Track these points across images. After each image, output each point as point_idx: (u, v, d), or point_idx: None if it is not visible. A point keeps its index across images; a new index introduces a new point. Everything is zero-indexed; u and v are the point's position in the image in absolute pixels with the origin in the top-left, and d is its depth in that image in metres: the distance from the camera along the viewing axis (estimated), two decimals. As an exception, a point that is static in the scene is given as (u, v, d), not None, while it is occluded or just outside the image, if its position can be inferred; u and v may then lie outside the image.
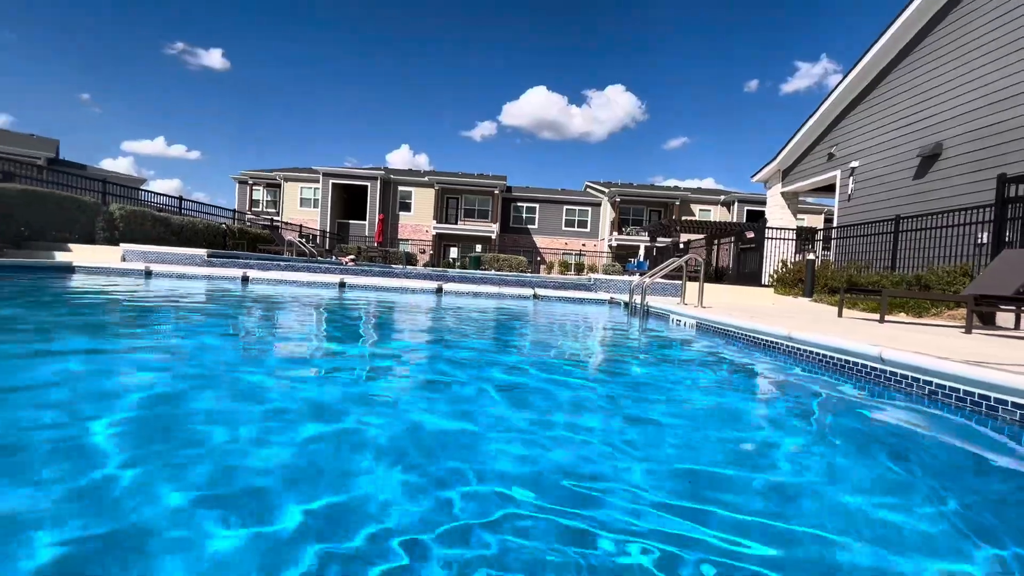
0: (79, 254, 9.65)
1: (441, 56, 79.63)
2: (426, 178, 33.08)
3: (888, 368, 2.96)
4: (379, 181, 32.34)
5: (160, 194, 15.67)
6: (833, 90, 12.04)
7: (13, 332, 3.49)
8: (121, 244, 10.38)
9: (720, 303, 8.33)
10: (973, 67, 8.54)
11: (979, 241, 7.48)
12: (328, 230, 31.31)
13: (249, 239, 17.84)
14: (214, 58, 76.49)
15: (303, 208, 33.84)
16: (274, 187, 35.25)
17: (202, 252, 10.26)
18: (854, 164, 11.46)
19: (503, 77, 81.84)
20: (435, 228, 32.31)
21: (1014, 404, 2.21)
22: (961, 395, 2.48)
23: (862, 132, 11.37)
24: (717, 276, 15.71)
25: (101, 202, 12.37)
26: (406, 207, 33.67)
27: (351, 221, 33.49)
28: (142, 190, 15.36)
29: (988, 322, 6.32)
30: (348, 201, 34.56)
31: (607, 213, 34.03)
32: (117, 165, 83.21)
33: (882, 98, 10.77)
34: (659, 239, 24.24)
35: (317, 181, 32.95)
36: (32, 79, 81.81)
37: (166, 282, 8.08)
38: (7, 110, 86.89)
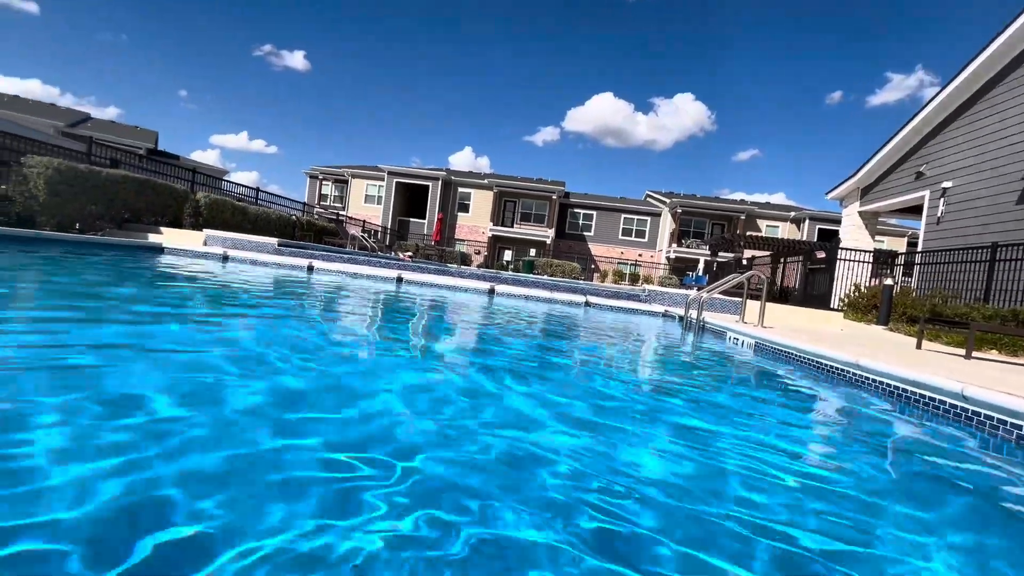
0: (168, 237, 10.55)
1: (508, 60, 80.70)
2: (485, 180, 33.55)
3: (971, 407, 2.70)
4: (440, 181, 33.14)
5: (240, 184, 16.84)
6: (928, 103, 11.14)
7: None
8: (204, 229, 11.24)
9: (783, 324, 7.91)
10: (1097, 82, 7.64)
11: (1092, 276, 6.66)
12: (389, 226, 32.43)
13: (316, 231, 18.80)
14: (297, 59, 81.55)
15: (367, 204, 35.23)
16: (341, 183, 36.96)
17: (273, 241, 10.92)
18: (946, 184, 10.54)
19: (569, 82, 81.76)
20: (491, 230, 32.69)
21: (1123, 460, 1.96)
22: (1057, 444, 2.23)
23: (958, 150, 10.45)
24: (781, 296, 14.91)
25: (190, 190, 13.46)
26: (464, 208, 34.29)
27: (411, 219, 34.51)
28: (224, 180, 16.58)
29: (1098, 367, 5.60)
30: (409, 199, 35.65)
31: (667, 224, 33.14)
32: (206, 156, 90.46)
33: (984, 114, 9.84)
34: (720, 254, 23.29)
35: (382, 179, 34.22)
36: (139, 77, 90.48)
37: (240, 266, 8.67)
38: (118, 103, 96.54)
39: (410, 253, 21.88)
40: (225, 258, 9.37)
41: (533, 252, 32.67)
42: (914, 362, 3.93)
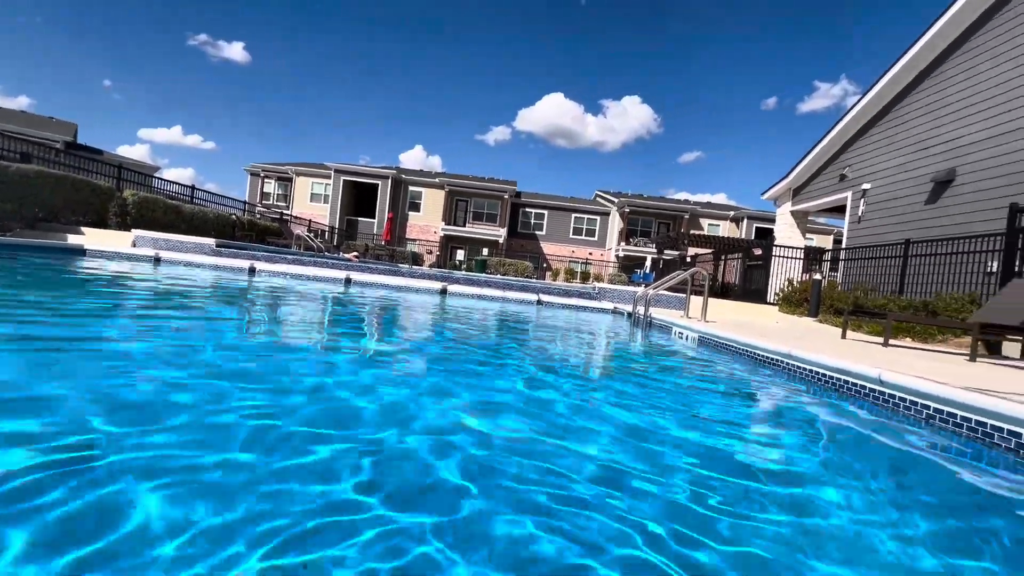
0: (91, 238, 9.77)
1: (459, 59, 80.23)
2: (437, 179, 33.23)
3: (887, 390, 2.94)
4: (390, 180, 32.51)
5: (173, 182, 15.84)
6: (849, 111, 12.02)
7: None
8: (132, 230, 10.49)
9: (724, 318, 8.30)
10: (990, 95, 8.50)
11: (988, 269, 7.41)
12: (337, 226, 31.48)
13: (258, 231, 17.98)
14: (236, 51, 77.57)
15: (313, 203, 34.05)
16: (285, 181, 35.52)
17: (211, 241, 10.35)
18: (866, 186, 11.41)
19: (521, 82, 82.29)
20: (443, 229, 32.41)
21: (1010, 432, 2.20)
22: (958, 420, 2.47)
23: (876, 154, 11.33)
24: (723, 292, 15.64)
25: (115, 187, 12.52)
26: (415, 207, 33.82)
27: (360, 218, 33.66)
28: (156, 177, 15.53)
29: (994, 351, 6.25)
30: (358, 198, 34.75)
31: (615, 223, 34.02)
32: (133, 152, 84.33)
33: (897, 121, 10.73)
34: (666, 252, 24.17)
35: (328, 177, 33.17)
36: (55, 63, 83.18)
37: (173, 269, 8.16)
38: (29, 92, 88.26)
39: (356, 253, 21.32)
40: (157, 260, 8.79)
41: (486, 251, 32.66)
42: (839, 351, 4.23)
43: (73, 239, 9.21)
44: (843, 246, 11.90)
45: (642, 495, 1.60)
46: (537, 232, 34.88)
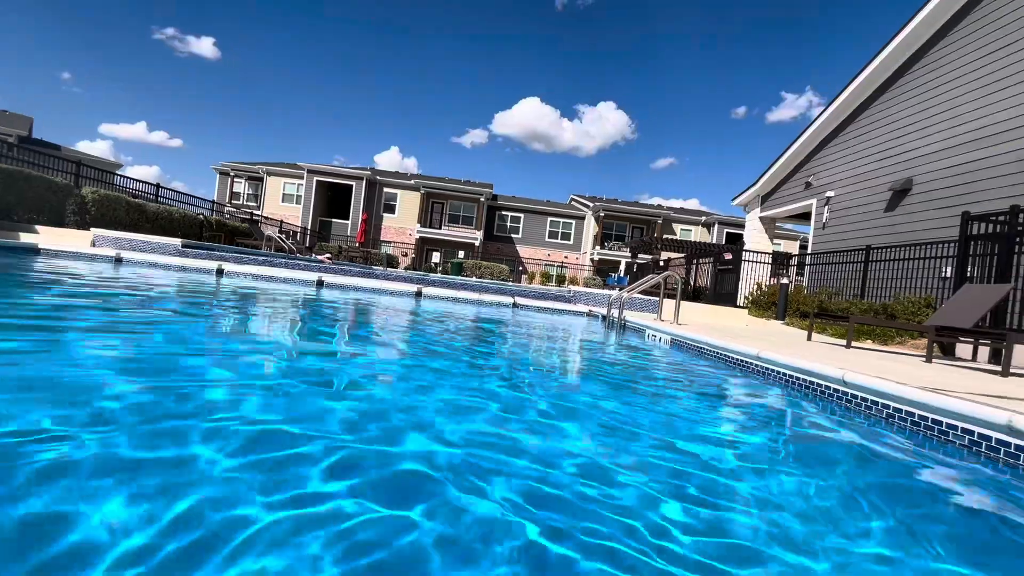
0: (46, 237, 9.33)
1: (437, 61, 79.95)
2: (412, 181, 32.98)
3: (851, 391, 3.05)
4: (364, 181, 32.11)
5: (137, 180, 15.28)
6: (813, 121, 12.45)
7: None
8: (92, 229, 10.07)
9: (695, 321, 8.47)
10: (943, 109, 8.94)
11: (943, 275, 7.78)
12: (310, 227, 30.90)
13: (227, 232, 17.49)
14: (205, 46, 75.48)
15: (285, 204, 33.35)
16: (256, 180, 34.70)
17: (176, 242, 10.02)
18: (830, 194, 11.83)
19: (498, 86, 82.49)
20: (419, 232, 32.17)
21: (963, 430, 2.30)
22: (916, 419, 2.57)
23: (838, 164, 11.77)
24: (695, 295, 15.97)
25: (74, 184, 12.00)
26: (390, 209, 33.49)
27: (334, 219, 33.13)
28: (118, 175, 14.94)
29: (948, 352, 6.56)
30: (332, 199, 34.21)
31: (591, 227, 34.38)
32: (94, 148, 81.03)
33: (858, 132, 11.18)
34: (640, 256, 24.56)
35: (301, 177, 32.55)
36: (8, 53, 79.32)
37: (136, 270, 7.86)
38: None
39: (329, 255, 20.96)
40: (118, 260, 8.46)
41: (461, 254, 32.56)
42: (805, 353, 4.37)
43: (26, 238, 8.79)
44: (808, 251, 12.30)
45: (621, 487, 1.62)
46: (513, 235, 34.95)
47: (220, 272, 8.74)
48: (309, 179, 31.74)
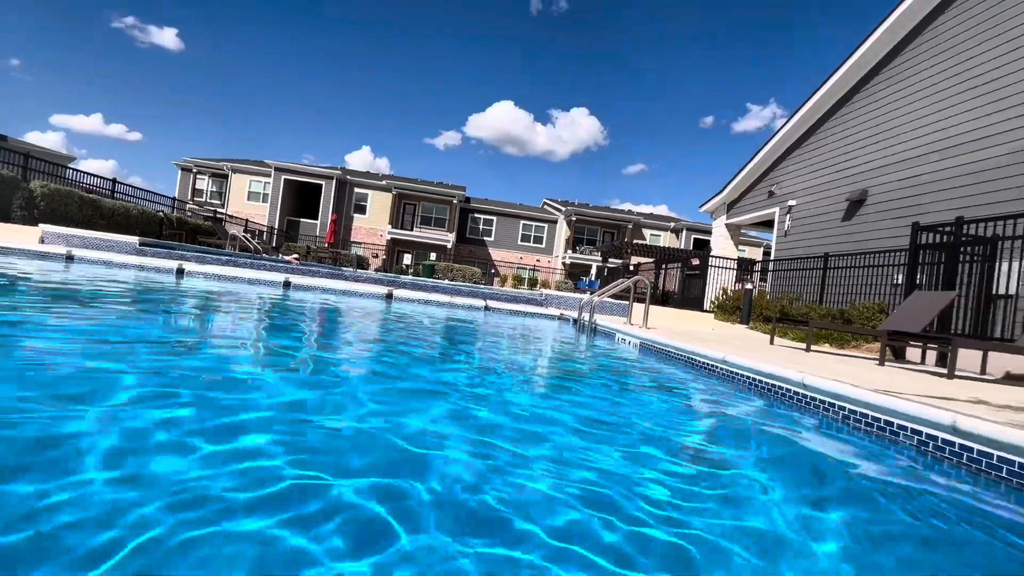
0: (-10, 232, 8.80)
1: (410, 60, 79.33)
2: (384, 182, 32.57)
3: (809, 393, 3.16)
4: (335, 181, 31.53)
5: (91, 174, 14.57)
6: (776, 132, 12.91)
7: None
8: (40, 224, 9.55)
9: (664, 325, 8.64)
10: (894, 124, 9.41)
11: (895, 282, 8.17)
12: (277, 227, 30.12)
13: (189, 230, 16.88)
14: (167, 37, 72.81)
15: (251, 202, 32.44)
16: (221, 177, 33.64)
17: (133, 240, 9.60)
18: (791, 203, 12.28)
19: (472, 88, 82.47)
20: (390, 233, 31.78)
21: (912, 430, 2.42)
22: (870, 420, 2.69)
23: (799, 174, 12.23)
24: (663, 299, 16.30)
25: (21, 177, 11.37)
26: (361, 209, 32.98)
27: (302, 219, 32.40)
28: (71, 168, 14.20)
29: (899, 356, 6.88)
30: (300, 198, 33.45)
31: (563, 231, 34.67)
32: (45, 139, 77.06)
33: (818, 144, 11.65)
34: (611, 260, 24.90)
35: (268, 175, 31.72)
36: (-49, 37, 74.61)
37: (89, 269, 7.49)
38: (-83, 68, 78.52)
39: (297, 255, 20.49)
40: (69, 258, 8.04)
41: (433, 256, 32.35)
42: (768, 357, 4.51)
43: (-32, 233, 8.26)
44: (771, 258, 12.73)
45: (589, 480, 1.63)
46: (486, 238, 34.92)
47: (180, 272, 8.42)
48: (277, 177, 30.96)
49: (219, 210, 29.50)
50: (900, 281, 7.93)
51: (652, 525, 1.48)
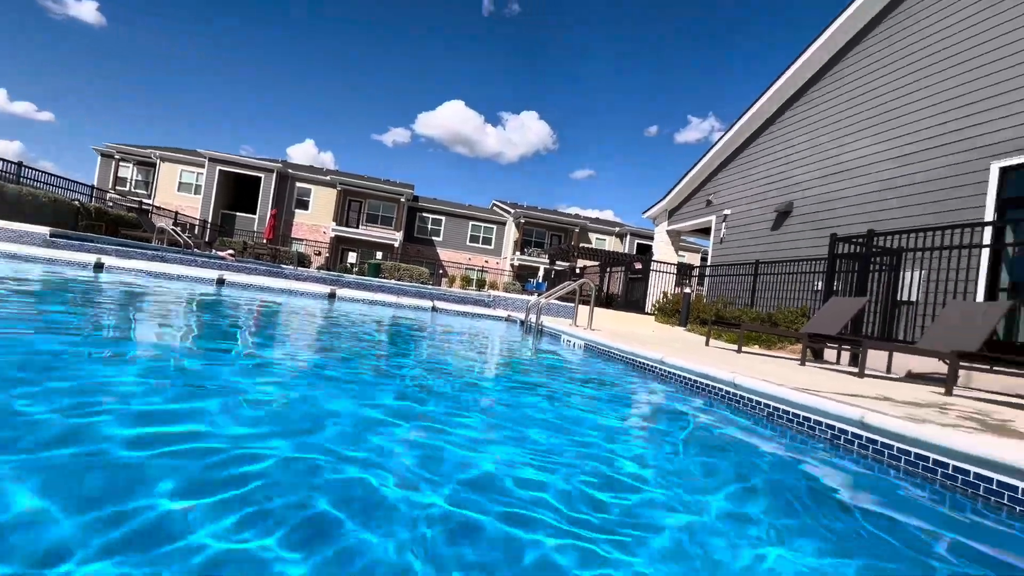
0: None
1: (359, 54, 77.17)
2: (328, 177, 31.50)
3: (739, 392, 3.37)
4: (275, 174, 30.16)
5: (-7, 157, 13.15)
6: (714, 145, 13.62)
7: None
8: (-71, 211, 8.52)
9: (608, 327, 8.90)
10: (816, 143, 10.20)
11: (816, 288, 8.84)
12: (211, 221, 28.40)
13: (110, 221, 15.58)
14: (86, 10, 66.83)
15: (182, 193, 30.42)
16: (147, 166, 31.31)
17: (43, 230, 8.77)
18: (727, 212, 12.99)
19: (422, 86, 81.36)
20: (334, 230, 30.76)
21: (827, 425, 2.64)
22: (791, 416, 2.90)
23: (734, 185, 12.97)
24: (607, 302, 16.77)
25: (-94, 157, 10.08)
26: (303, 205, 31.72)
27: (239, 213, 30.73)
28: (-32, 149, 12.78)
29: (819, 356, 7.45)
30: (237, 191, 31.71)
31: (511, 233, 34.89)
32: (-66, 115, 68.56)
33: (751, 157, 12.41)
34: (558, 262, 25.34)
35: (202, 165, 29.87)
36: None
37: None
38: None
39: (232, 251, 19.44)
40: (-36, 250, 7.23)
41: (380, 255, 31.63)
42: (703, 358, 4.76)
43: None
44: (708, 264, 13.41)
45: (530, 478, 1.66)
46: (434, 238, 34.55)
47: (99, 267, 7.77)
48: (211, 168, 29.22)
49: (145, 201, 27.47)
50: (820, 287, 8.58)
51: (584, 500, 1.54)
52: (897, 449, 2.26)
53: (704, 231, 15.31)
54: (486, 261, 35.18)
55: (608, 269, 18.67)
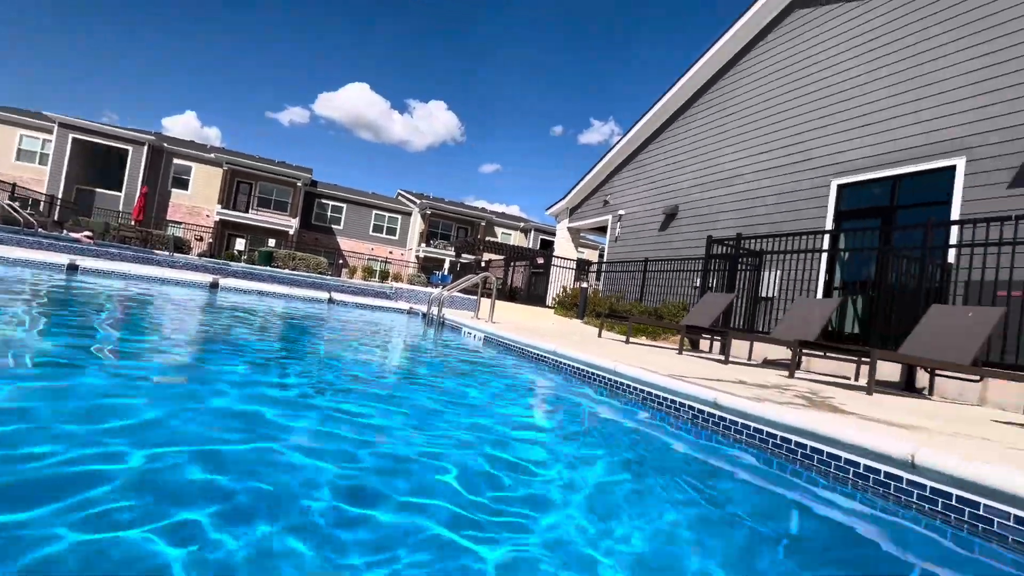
0: None
1: (254, 20, 70.51)
2: (213, 155, 28.57)
3: (619, 379, 3.66)
4: (147, 147, 26.71)
5: None
6: (612, 148, 14.45)
7: None
8: None
9: (509, 320, 9.12)
10: (696, 154, 11.26)
11: (694, 284, 9.78)
12: (61, 197, 24.47)
13: (-82, 191, 12.81)
14: None
15: (22, 162, 25.87)
16: (-26, 127, 26.13)
17: None
18: (621, 212, 13.87)
19: (323, 63, 76.40)
20: (219, 214, 28.00)
21: (689, 406, 2.97)
22: (662, 399, 3.22)
23: (628, 187, 13.88)
24: (511, 295, 17.13)
25: None
26: (182, 184, 28.49)
27: (99, 190, 26.81)
28: None
29: (696, 347, 8.27)
30: (98, 165, 27.60)
31: (417, 224, 34.23)
32: None
33: (644, 162, 13.35)
34: (464, 255, 25.34)
35: (50, 131, 25.58)
36: None
37: None
38: None
39: (90, 233, 16.96)
40: None
41: (272, 242, 29.39)
42: (593, 349, 5.07)
43: None
44: (604, 260, 14.24)
45: (423, 469, 1.69)
46: (334, 226, 32.83)
47: (-98, 246, 6.39)
48: (62, 135, 25.15)
49: (-30, 169, 23.00)
50: (698, 284, 9.52)
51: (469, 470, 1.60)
52: (741, 424, 2.61)
53: (602, 229, 16.20)
54: (390, 252, 34.18)
55: (512, 263, 19.07)
